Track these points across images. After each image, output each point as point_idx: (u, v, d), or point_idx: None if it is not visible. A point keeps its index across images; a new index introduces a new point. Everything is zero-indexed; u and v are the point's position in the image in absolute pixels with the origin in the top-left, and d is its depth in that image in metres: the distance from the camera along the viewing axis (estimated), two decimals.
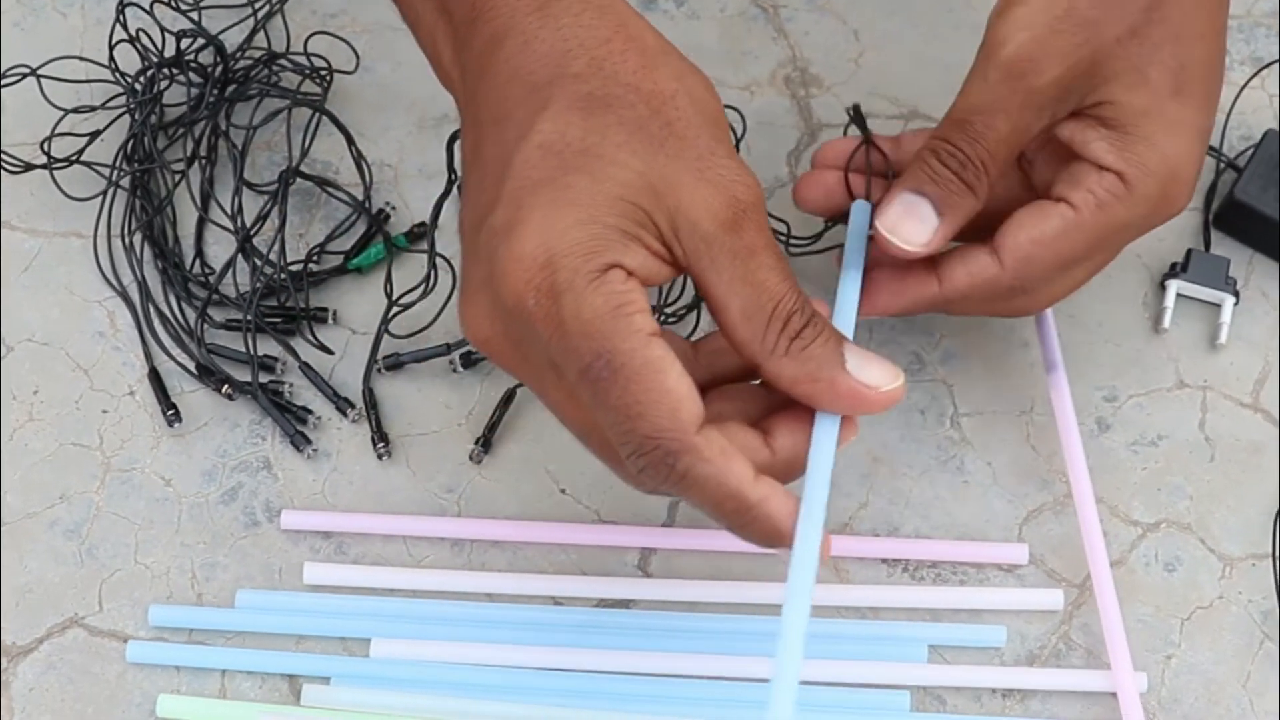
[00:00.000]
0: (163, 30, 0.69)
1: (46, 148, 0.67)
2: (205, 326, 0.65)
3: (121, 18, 0.69)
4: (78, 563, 0.62)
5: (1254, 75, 0.71)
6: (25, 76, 0.67)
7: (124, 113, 0.69)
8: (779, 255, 0.48)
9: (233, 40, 0.71)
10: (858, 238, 0.57)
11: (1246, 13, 0.73)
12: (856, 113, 0.62)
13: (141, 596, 0.61)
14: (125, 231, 0.68)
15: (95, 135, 0.68)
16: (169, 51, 0.69)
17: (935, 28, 0.73)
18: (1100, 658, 0.59)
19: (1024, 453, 0.63)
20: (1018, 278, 0.56)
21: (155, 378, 0.65)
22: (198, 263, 0.67)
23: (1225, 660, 0.60)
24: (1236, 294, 0.65)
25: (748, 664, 0.59)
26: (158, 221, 0.68)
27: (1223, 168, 0.69)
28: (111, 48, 0.69)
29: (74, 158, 0.67)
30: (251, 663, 0.59)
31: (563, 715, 0.57)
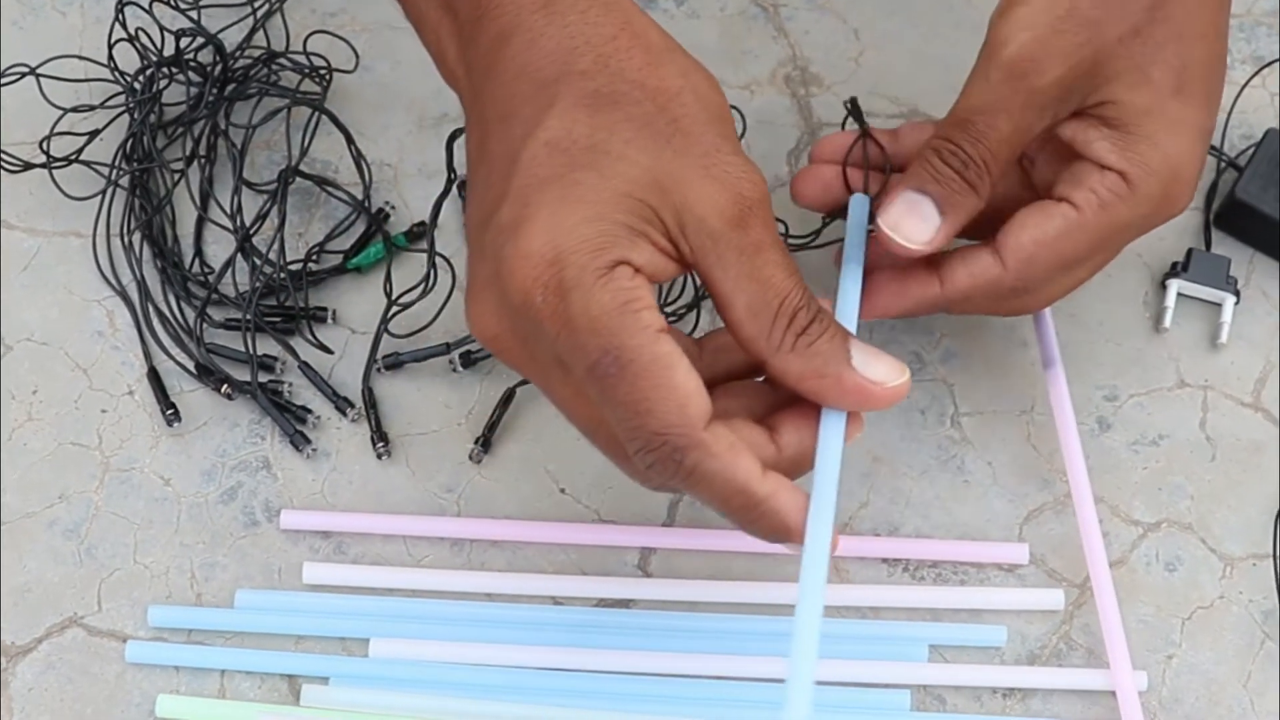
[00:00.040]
0: (162, 29, 0.69)
1: (46, 147, 0.67)
2: (204, 326, 0.65)
3: (120, 17, 0.69)
4: (77, 562, 0.61)
5: (1255, 74, 0.71)
6: (24, 75, 0.67)
7: (123, 112, 0.68)
8: (784, 251, 0.48)
9: (232, 39, 0.71)
10: (857, 232, 0.57)
11: (1247, 11, 0.73)
12: (854, 105, 0.62)
13: (141, 596, 0.61)
14: (124, 231, 0.68)
15: (94, 134, 0.68)
16: (168, 50, 0.69)
17: (935, 27, 0.73)
18: (1101, 657, 0.59)
19: (1024, 452, 0.63)
20: (1020, 278, 0.56)
21: (154, 377, 0.65)
22: (197, 262, 0.67)
23: (1226, 660, 0.60)
24: (1237, 293, 0.65)
25: (748, 663, 0.59)
26: (157, 221, 0.67)
27: (1224, 167, 0.69)
28: (110, 47, 0.69)
29: (73, 157, 0.67)
30: (251, 663, 0.59)
31: (562, 715, 0.57)
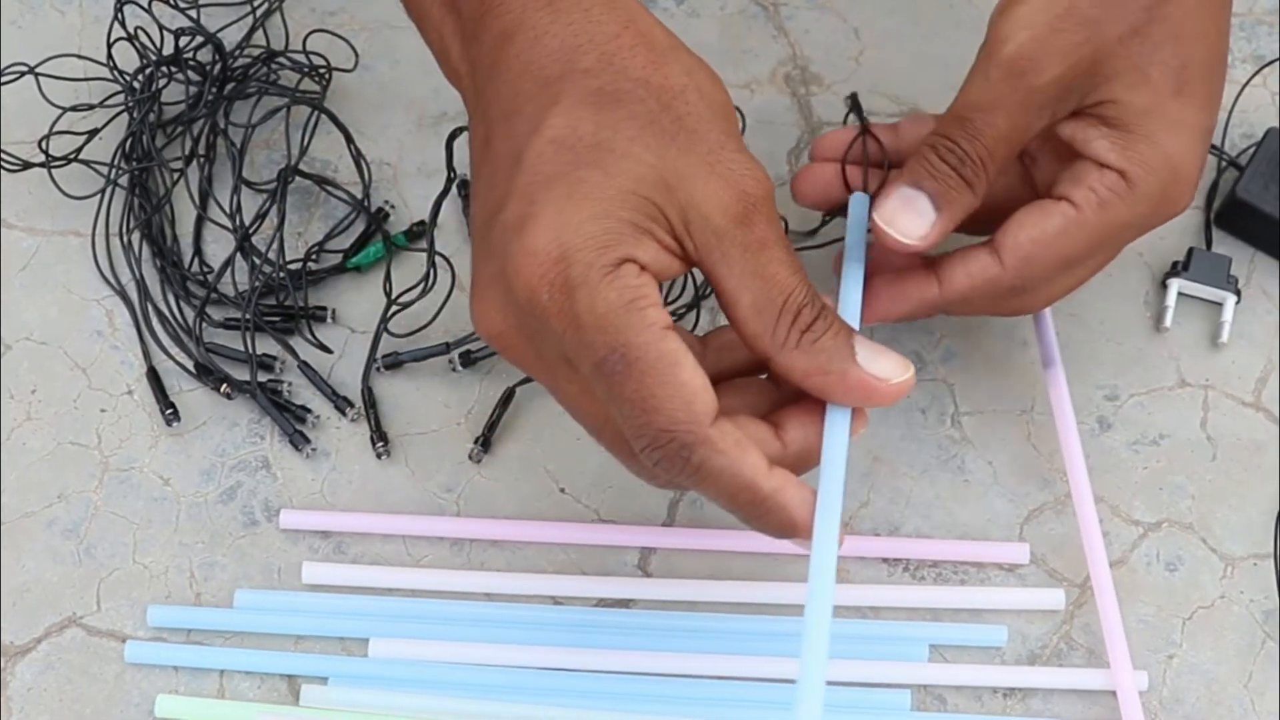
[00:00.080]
0: (161, 28, 0.69)
1: (45, 146, 0.67)
2: (204, 325, 0.65)
3: (120, 15, 0.69)
4: (76, 562, 0.61)
5: (1255, 73, 0.71)
6: (23, 74, 0.67)
7: (122, 111, 0.68)
8: (789, 249, 0.48)
9: (231, 38, 0.71)
10: (857, 230, 0.57)
11: (1248, 11, 0.73)
12: (854, 101, 0.62)
13: (140, 596, 0.61)
14: (124, 230, 0.67)
15: (93, 134, 0.68)
16: (167, 49, 0.69)
17: (935, 26, 0.73)
18: (1102, 657, 0.59)
19: (1025, 452, 0.63)
20: (1019, 277, 0.56)
21: (154, 377, 0.65)
22: (196, 261, 0.67)
23: (1227, 660, 0.59)
24: (1238, 293, 0.65)
25: (748, 663, 0.59)
26: (156, 220, 0.67)
27: (1224, 166, 0.69)
28: (110, 46, 0.69)
29: (72, 156, 0.67)
30: (250, 663, 0.59)
31: (562, 715, 0.57)
